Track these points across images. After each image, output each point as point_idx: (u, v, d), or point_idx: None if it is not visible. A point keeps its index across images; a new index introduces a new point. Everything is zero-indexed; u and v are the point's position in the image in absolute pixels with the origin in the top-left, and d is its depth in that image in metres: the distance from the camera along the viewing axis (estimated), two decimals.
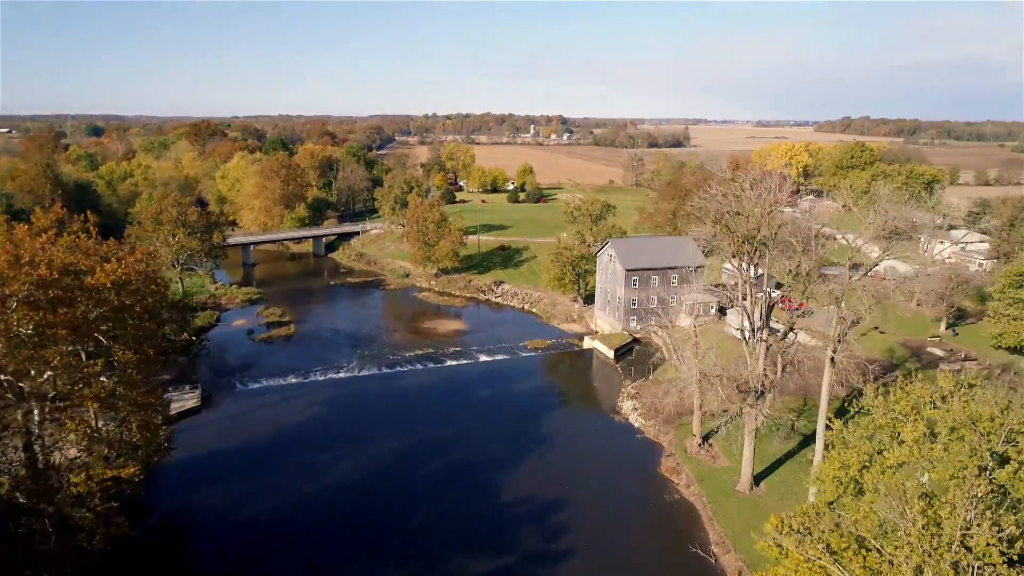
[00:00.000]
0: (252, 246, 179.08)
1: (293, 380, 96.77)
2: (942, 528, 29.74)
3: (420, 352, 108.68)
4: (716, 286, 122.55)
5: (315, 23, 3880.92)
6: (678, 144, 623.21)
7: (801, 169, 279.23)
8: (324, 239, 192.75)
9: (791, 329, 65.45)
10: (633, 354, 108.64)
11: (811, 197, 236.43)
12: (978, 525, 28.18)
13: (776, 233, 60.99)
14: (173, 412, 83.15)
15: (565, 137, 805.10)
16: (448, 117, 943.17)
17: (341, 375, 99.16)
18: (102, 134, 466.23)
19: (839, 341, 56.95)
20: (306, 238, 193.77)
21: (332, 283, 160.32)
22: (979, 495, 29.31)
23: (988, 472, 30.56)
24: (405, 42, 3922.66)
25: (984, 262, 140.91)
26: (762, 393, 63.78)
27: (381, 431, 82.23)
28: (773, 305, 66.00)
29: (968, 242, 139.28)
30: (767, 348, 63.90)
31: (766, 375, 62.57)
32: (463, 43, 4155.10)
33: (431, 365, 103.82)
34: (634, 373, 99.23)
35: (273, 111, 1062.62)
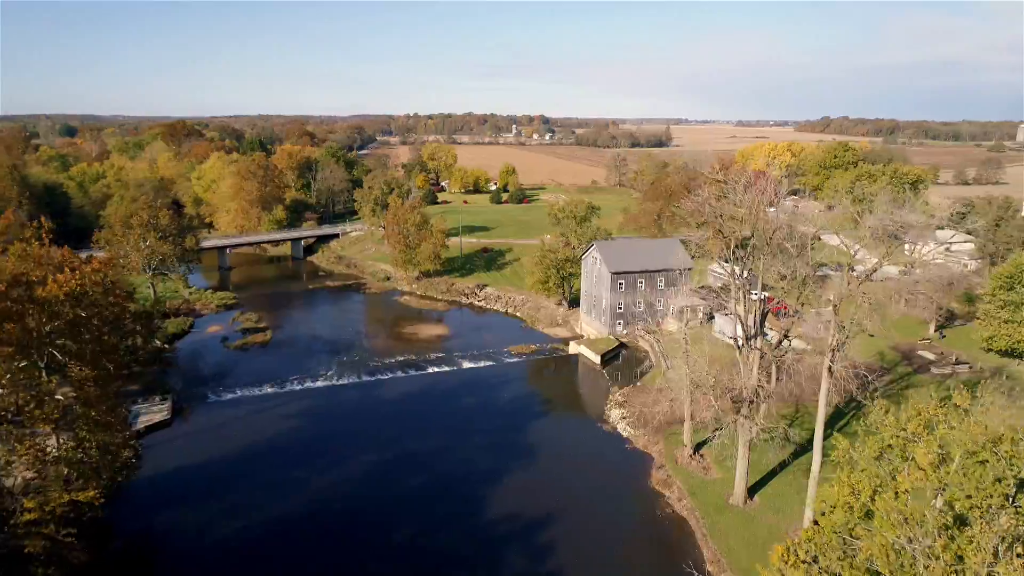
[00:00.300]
0: (228, 249, 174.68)
1: (269, 389, 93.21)
2: (964, 562, 27.37)
3: (401, 359, 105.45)
4: (703, 288, 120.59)
5: (296, 23, 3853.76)
6: (660, 144, 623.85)
7: (784, 169, 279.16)
8: (303, 241, 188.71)
9: (786, 336, 63.25)
10: (620, 359, 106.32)
11: (795, 197, 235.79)
12: (1008, 563, 25.82)
13: (771, 237, 58.72)
14: (141, 426, 79.49)
15: (547, 137, 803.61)
16: (430, 117, 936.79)
17: (319, 384, 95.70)
18: (76, 134, 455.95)
19: (837, 351, 54.71)
20: (284, 240, 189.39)
21: (311, 287, 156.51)
22: (1005, 526, 26.97)
23: (1011, 500, 28.21)
24: (386, 42, 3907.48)
25: (969, 262, 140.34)
26: (756, 403, 61.45)
27: (361, 443, 79.12)
28: (767, 312, 63.77)
29: (953, 242, 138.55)
30: (761, 356, 61.64)
31: (761, 385, 60.27)
32: (445, 43, 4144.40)
33: (413, 372, 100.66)
34: (621, 379, 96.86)
35: (252, 111, 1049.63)
